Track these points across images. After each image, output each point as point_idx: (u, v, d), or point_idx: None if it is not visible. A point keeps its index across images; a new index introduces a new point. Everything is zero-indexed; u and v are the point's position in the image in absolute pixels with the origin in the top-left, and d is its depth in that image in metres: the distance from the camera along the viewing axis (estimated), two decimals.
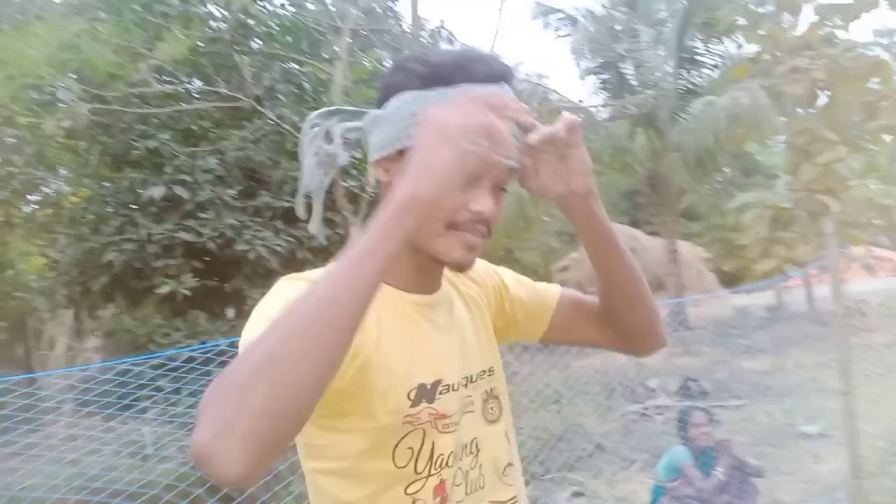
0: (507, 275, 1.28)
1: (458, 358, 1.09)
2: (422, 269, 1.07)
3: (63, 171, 9.37)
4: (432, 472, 1.02)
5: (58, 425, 5.96)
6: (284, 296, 0.91)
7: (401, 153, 0.97)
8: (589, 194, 1.08)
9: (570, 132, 1.00)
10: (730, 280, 18.48)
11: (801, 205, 12.81)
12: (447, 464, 1.03)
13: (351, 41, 7.69)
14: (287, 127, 7.07)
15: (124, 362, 4.68)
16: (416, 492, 1.01)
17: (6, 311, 10.87)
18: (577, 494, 5.52)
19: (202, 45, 7.46)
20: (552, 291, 1.27)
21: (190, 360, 5.22)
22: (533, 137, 0.98)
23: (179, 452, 6.35)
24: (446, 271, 1.12)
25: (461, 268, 1.06)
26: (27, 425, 4.05)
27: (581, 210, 1.11)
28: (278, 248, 6.64)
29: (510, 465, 1.15)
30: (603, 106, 16.51)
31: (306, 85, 8.13)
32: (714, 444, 4.77)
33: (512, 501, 1.13)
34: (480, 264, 1.21)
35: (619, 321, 1.22)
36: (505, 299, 1.24)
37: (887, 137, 16.03)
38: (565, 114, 1.01)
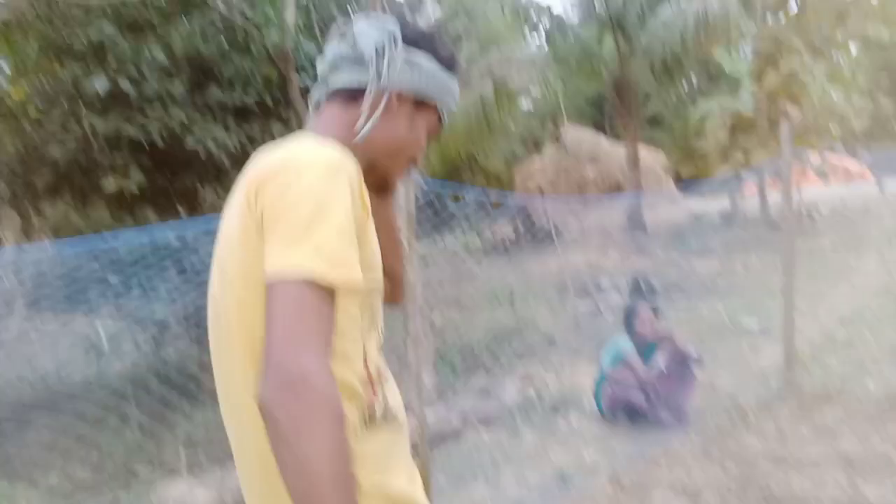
0: None
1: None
2: (371, 182, 1.21)
3: (2, 65, 8.91)
4: (377, 329, 1.19)
5: (9, 321, 5.93)
6: (343, 198, 1.02)
7: (417, 104, 1.25)
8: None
9: None
10: (688, 186, 18.72)
11: (763, 112, 12.88)
12: (380, 327, 1.21)
13: None
14: (238, 19, 6.75)
15: (73, 247, 4.61)
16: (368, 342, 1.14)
17: None
18: (526, 383, 5.73)
19: None
20: None
21: (141, 257, 5.17)
22: None
23: (134, 349, 6.40)
24: None
25: (394, 188, 1.35)
26: None
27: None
28: (230, 147, 6.47)
29: None
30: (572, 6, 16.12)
31: None
32: (657, 336, 4.96)
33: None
34: None
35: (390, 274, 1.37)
36: None
37: (853, 46, 16.01)
38: None
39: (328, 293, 0.96)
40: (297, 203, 0.98)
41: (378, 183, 1.27)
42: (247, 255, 1.03)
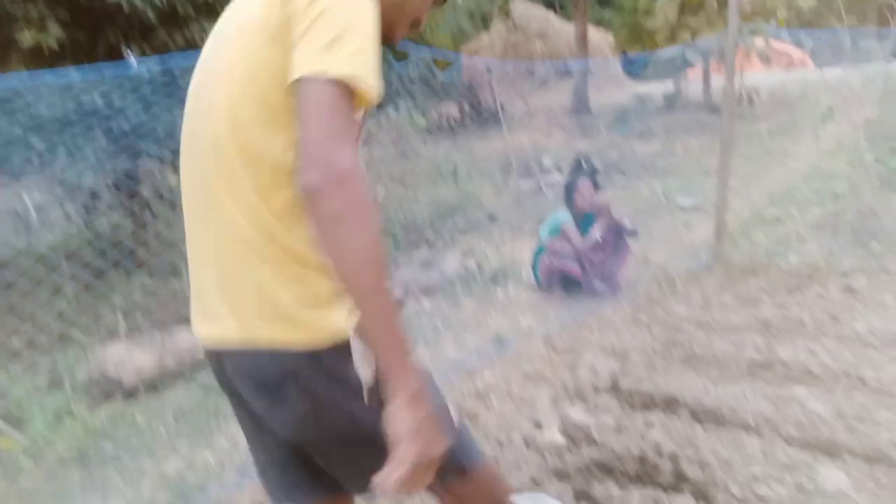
0: None
1: None
2: None
3: None
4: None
5: None
6: (372, 14, 1.08)
7: None
8: None
9: None
10: (634, 68, 18.57)
11: None
12: None
13: None
14: None
15: None
16: None
17: None
18: (467, 256, 5.82)
19: None
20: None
21: (64, 115, 4.87)
22: None
23: (64, 219, 6.17)
24: None
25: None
26: None
27: None
28: (156, 1, 6.00)
29: None
30: None
31: None
32: (595, 208, 5.05)
33: None
34: None
35: None
36: None
37: None
38: None
39: (353, 98, 1.03)
40: (333, 10, 1.03)
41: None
42: (264, 59, 1.08)
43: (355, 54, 1.02)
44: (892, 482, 2.33)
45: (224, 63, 1.14)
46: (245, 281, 1.13)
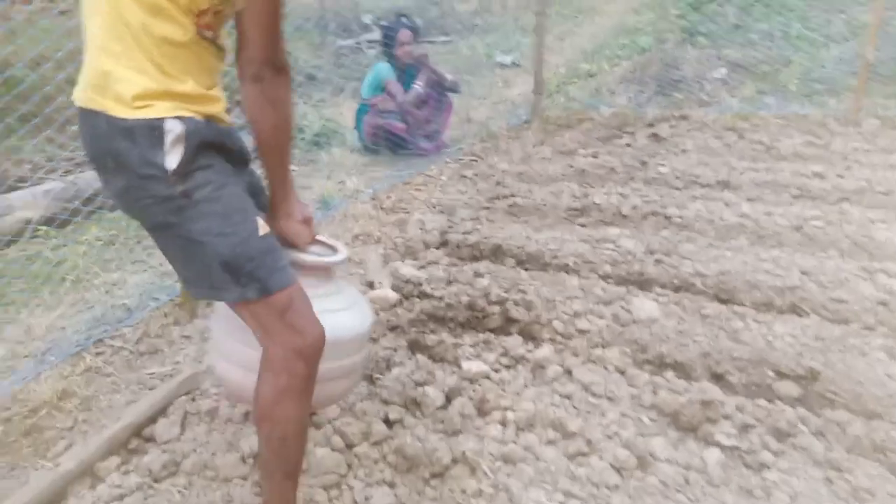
0: None
1: None
2: None
3: None
4: None
5: None
6: None
7: None
8: None
9: None
10: None
11: None
12: None
13: None
14: None
15: None
16: None
17: None
18: None
19: None
20: None
21: None
22: None
23: None
24: None
25: None
26: None
27: None
28: None
29: None
30: None
31: None
32: (416, 60, 4.86)
33: None
34: None
35: None
36: None
37: None
38: None
39: None
40: None
41: None
42: None
43: None
44: (695, 307, 2.56)
45: None
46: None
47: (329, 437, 1.89)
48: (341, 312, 1.56)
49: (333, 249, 1.63)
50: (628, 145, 4.75)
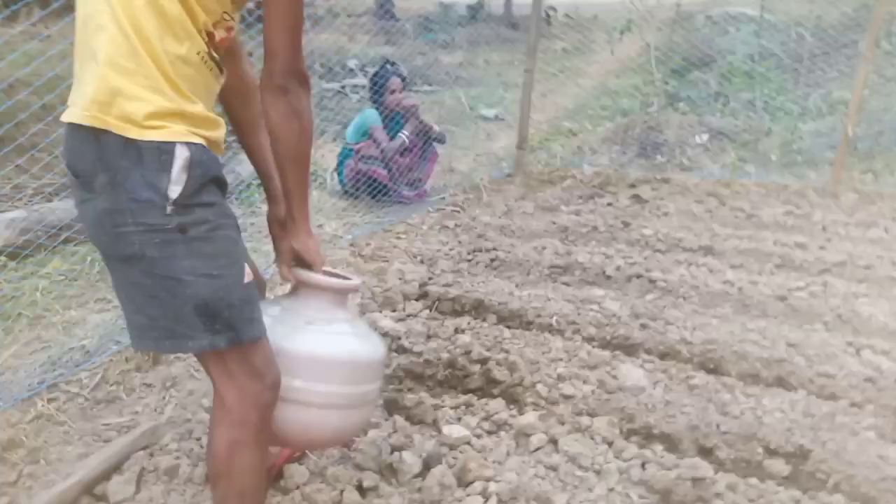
0: None
1: None
2: None
3: None
4: None
5: None
6: None
7: None
8: None
9: None
10: None
11: None
12: None
13: None
14: None
15: None
16: None
17: None
18: None
19: None
20: None
21: None
22: None
23: None
24: None
25: None
26: None
27: None
28: None
29: None
30: None
31: None
32: (404, 107, 4.84)
33: None
34: None
35: None
36: None
37: None
38: None
39: None
40: None
41: None
42: None
43: None
44: (682, 375, 2.48)
45: None
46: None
47: None
48: (358, 337, 1.53)
49: (343, 277, 1.60)
50: (610, 204, 4.74)
